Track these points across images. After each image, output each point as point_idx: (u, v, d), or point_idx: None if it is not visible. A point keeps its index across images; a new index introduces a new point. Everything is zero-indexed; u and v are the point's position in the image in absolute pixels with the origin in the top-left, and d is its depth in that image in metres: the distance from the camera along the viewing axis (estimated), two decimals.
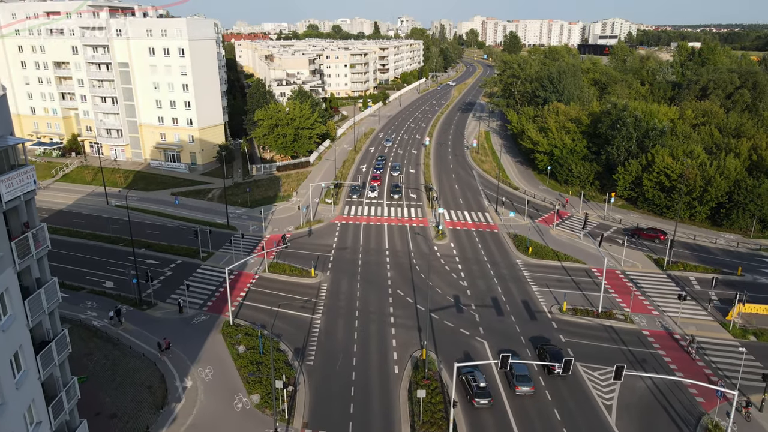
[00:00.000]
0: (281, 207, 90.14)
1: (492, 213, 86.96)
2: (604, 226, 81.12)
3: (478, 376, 44.41)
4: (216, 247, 73.89)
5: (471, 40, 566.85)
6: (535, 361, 47.63)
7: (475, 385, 43.57)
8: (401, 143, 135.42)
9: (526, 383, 44.61)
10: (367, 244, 75.55)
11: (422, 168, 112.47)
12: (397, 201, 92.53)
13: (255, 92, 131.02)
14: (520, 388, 44.49)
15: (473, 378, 44.31)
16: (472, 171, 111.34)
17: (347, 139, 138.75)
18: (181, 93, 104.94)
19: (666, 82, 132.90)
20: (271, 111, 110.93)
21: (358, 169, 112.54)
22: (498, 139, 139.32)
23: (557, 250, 72.36)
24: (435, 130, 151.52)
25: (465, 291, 62.24)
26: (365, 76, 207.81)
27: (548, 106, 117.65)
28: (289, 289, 62.96)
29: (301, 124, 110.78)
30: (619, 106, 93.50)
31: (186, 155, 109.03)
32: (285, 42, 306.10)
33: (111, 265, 69.00)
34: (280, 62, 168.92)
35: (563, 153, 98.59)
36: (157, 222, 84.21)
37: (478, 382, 43.72)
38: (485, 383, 43.75)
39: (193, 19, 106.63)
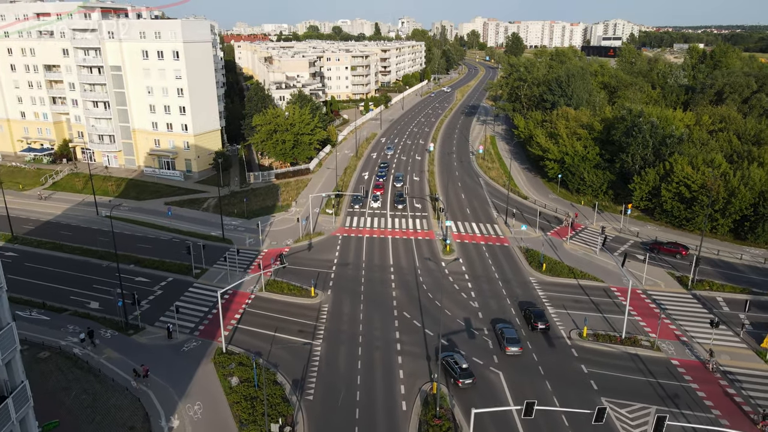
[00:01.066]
0: (280, 218, 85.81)
1: (501, 225, 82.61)
2: (621, 239, 76.76)
3: (459, 359, 47.71)
4: (210, 262, 69.57)
5: (472, 41, 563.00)
6: (558, 408, 43.42)
7: (458, 367, 46.73)
8: (404, 149, 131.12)
9: (515, 344, 50.64)
10: (370, 259, 71.21)
11: (427, 175, 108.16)
12: (401, 211, 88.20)
13: (253, 96, 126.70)
14: (510, 348, 50.37)
15: (454, 361, 47.44)
16: (478, 179, 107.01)
17: (348, 144, 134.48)
18: (175, 97, 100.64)
19: (678, 85, 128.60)
20: (270, 116, 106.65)
21: (360, 176, 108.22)
22: (504, 145, 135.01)
23: (573, 266, 67.99)
24: (439, 134, 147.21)
25: (476, 313, 57.87)
26: (366, 79, 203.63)
27: (557, 110, 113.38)
28: (288, 310, 58.61)
29: (300, 130, 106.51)
30: (634, 112, 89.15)
31: (181, 162, 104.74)
32: (285, 43, 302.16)
33: (97, 282, 64.72)
34: (280, 65, 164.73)
35: (575, 160, 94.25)
36: (149, 234, 79.89)
37: (459, 364, 46.94)
38: (466, 364, 47.18)
39: (188, 20, 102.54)
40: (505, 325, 53.78)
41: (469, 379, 46.01)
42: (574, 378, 47.29)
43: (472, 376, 46.18)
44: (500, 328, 52.77)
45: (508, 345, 50.37)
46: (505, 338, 50.97)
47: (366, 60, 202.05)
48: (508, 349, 50.15)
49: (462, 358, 47.91)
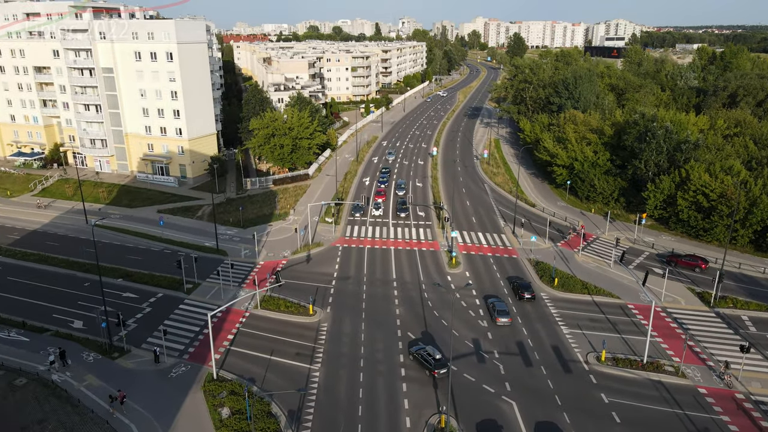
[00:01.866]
0: (277, 227, 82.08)
1: (509, 234, 78.89)
2: (635, 251, 73.02)
3: (431, 350, 48.74)
4: (203, 276, 65.86)
5: (473, 41, 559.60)
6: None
7: (432, 359, 47.82)
8: (406, 153, 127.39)
9: (505, 316, 55.40)
10: (372, 272, 67.50)
11: (430, 181, 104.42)
12: (404, 220, 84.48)
13: (251, 98, 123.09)
14: (501, 319, 55.28)
15: (427, 353, 48.56)
16: (483, 185, 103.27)
17: (349, 148, 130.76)
18: (169, 101, 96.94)
19: (688, 87, 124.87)
20: (267, 120, 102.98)
21: (361, 182, 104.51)
22: (509, 148, 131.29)
23: (586, 281, 64.22)
24: (441, 138, 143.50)
25: (485, 333, 54.14)
26: (367, 80, 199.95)
27: (564, 114, 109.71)
28: (284, 330, 54.89)
29: (299, 134, 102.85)
30: (647, 117, 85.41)
31: (175, 167, 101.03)
32: (284, 44, 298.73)
33: (83, 299, 61.00)
34: (278, 66, 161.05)
35: (584, 166, 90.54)
36: (140, 245, 76.17)
37: (433, 356, 48.01)
38: (440, 354, 48.19)
39: (182, 20, 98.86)
40: (496, 299, 59.11)
41: (444, 368, 47.02)
42: (594, 409, 43.54)
43: (446, 366, 47.15)
44: (492, 302, 57.97)
45: (498, 317, 55.45)
46: (496, 310, 56.12)
47: (366, 61, 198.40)
48: (498, 319, 55.34)
49: (435, 350, 48.95)
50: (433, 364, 47.47)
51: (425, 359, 48.22)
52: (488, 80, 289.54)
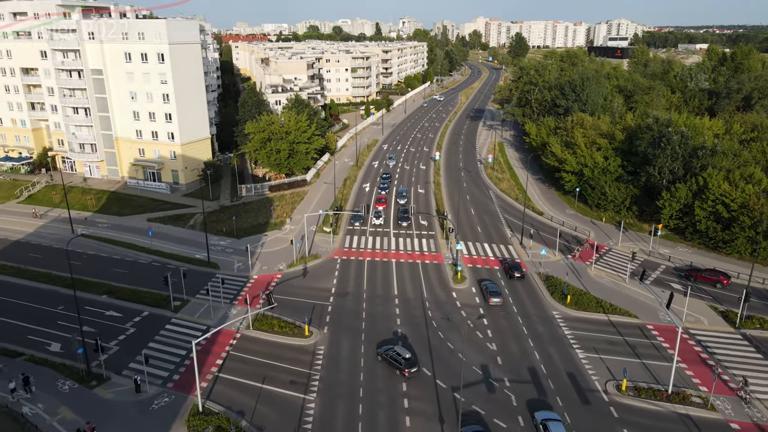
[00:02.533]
0: (272, 237, 78.06)
1: (516, 245, 74.87)
2: (651, 263, 68.99)
3: (400, 350, 48.22)
4: (192, 291, 61.85)
5: (474, 41, 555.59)
6: None
7: (401, 358, 47.30)
8: (408, 157, 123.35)
9: (497, 296, 59.23)
10: (372, 287, 63.49)
11: (432, 187, 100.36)
12: (406, 230, 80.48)
13: (247, 100, 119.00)
14: (493, 299, 58.95)
15: (396, 353, 47.99)
16: (488, 191, 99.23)
17: (348, 151, 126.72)
18: (161, 104, 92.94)
19: (699, 89, 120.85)
20: (263, 123, 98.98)
21: (361, 188, 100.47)
22: (514, 152, 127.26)
23: (601, 297, 60.20)
24: (444, 141, 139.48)
25: (495, 358, 50.11)
26: (367, 81, 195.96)
27: (571, 117, 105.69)
28: (278, 354, 50.88)
29: (296, 138, 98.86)
30: (661, 121, 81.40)
31: (167, 173, 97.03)
32: (283, 44, 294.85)
33: (63, 318, 56.99)
34: (276, 66, 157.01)
35: (594, 173, 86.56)
36: (127, 256, 72.17)
37: (402, 355, 47.54)
38: (409, 353, 47.76)
39: (174, 20, 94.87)
40: (490, 282, 62.97)
41: (414, 367, 46.85)
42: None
43: (416, 364, 47.20)
44: (485, 285, 62.16)
45: (490, 296, 59.45)
46: (489, 291, 60.34)
47: (367, 61, 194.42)
48: (490, 300, 59.11)
49: (404, 349, 48.59)
50: (403, 364, 46.98)
51: (395, 359, 47.63)
52: (490, 81, 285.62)
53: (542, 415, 41.05)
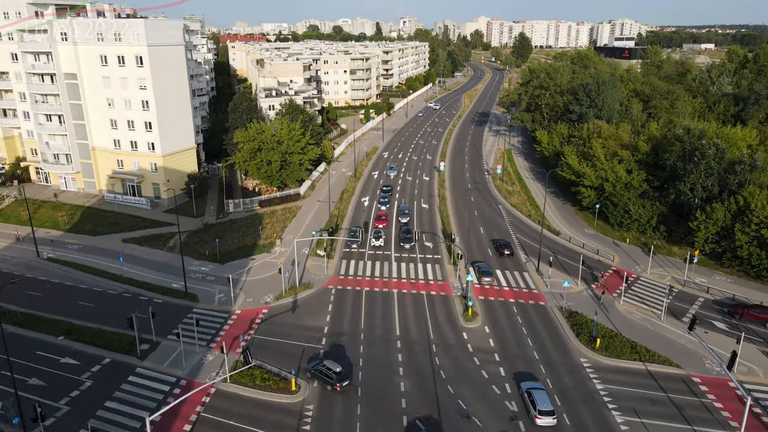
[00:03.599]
0: (260, 262, 69.99)
1: (533, 273, 66.81)
2: (686, 296, 60.92)
3: (330, 364, 46.32)
4: (165, 330, 53.84)
5: (475, 41, 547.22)
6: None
7: (332, 373, 45.49)
8: (410, 167, 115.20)
9: (488, 276, 63.20)
10: (370, 326, 55.44)
11: (437, 201, 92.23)
12: (409, 253, 72.43)
13: (238, 105, 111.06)
14: (484, 279, 63.03)
15: (326, 367, 46.07)
16: (498, 206, 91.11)
17: (346, 161, 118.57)
18: (140, 111, 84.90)
19: (722, 94, 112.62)
20: (253, 131, 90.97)
21: (359, 202, 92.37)
22: (523, 161, 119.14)
23: (634, 339, 52.12)
24: (448, 148, 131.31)
25: (517, 425, 41.97)
26: (367, 83, 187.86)
27: (587, 124, 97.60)
28: (258, 417, 42.84)
29: (289, 148, 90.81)
30: (693, 132, 73.35)
31: (148, 187, 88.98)
32: (281, 44, 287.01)
33: (4, 368, 48.82)
34: (271, 68, 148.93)
35: (617, 188, 78.54)
36: (96, 286, 64.13)
37: (333, 369, 45.75)
38: (340, 367, 46.01)
39: (154, 20, 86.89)
40: (482, 263, 67.59)
41: (346, 380, 45.45)
42: None
43: (348, 378, 45.81)
44: (477, 266, 66.40)
45: (482, 276, 64.15)
46: (481, 271, 64.96)
47: (366, 63, 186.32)
48: (482, 279, 63.57)
49: (334, 363, 46.60)
50: (334, 378, 45.22)
51: (325, 374, 45.66)
52: (494, 82, 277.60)
53: (527, 384, 44.60)
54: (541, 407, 41.25)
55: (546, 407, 41.28)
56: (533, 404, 41.76)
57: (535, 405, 41.58)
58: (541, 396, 42.04)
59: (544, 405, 41.44)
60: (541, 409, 41.15)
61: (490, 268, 65.21)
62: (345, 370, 46.22)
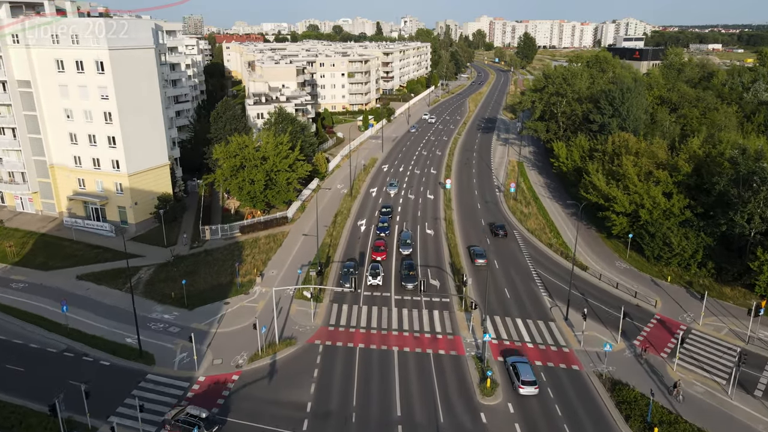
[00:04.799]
0: (236, 307, 58.90)
1: (560, 322, 55.72)
2: (754, 358, 49.69)
3: (193, 410, 40.53)
4: (107, 408, 42.79)
5: (478, 41, 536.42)
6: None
7: (197, 419, 39.71)
8: (412, 182, 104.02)
9: (482, 258, 67.23)
10: (365, 401, 44.34)
11: (443, 226, 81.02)
12: (412, 294, 61.32)
13: (222, 114, 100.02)
14: (478, 261, 67.35)
15: (190, 415, 40.01)
16: (512, 231, 79.87)
17: (341, 175, 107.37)
18: (102, 124, 73.86)
19: (758, 102, 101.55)
20: (235, 146, 79.96)
21: (355, 227, 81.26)
22: (537, 176, 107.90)
23: (701, 426, 40.97)
24: (453, 160, 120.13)
25: None
26: (366, 87, 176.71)
27: (612, 137, 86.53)
28: None
29: (276, 166, 79.79)
30: (750, 153, 62.24)
31: (113, 211, 77.91)
32: (277, 44, 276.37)
33: None
34: (262, 72, 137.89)
35: (654, 215, 67.50)
36: (33, 341, 53.01)
37: (198, 416, 39.93)
38: (206, 412, 40.49)
39: (118, 19, 75.73)
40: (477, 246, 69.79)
41: (215, 426, 40.29)
42: None
43: (217, 424, 40.53)
44: (472, 249, 70.26)
45: (476, 258, 68.01)
46: (475, 254, 68.59)
47: (365, 65, 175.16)
48: (476, 261, 67.62)
49: (199, 409, 40.83)
50: (203, 426, 39.55)
51: (189, 423, 39.58)
52: (499, 84, 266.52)
53: (512, 359, 47.02)
54: (524, 377, 44.35)
55: (528, 378, 44.41)
56: (517, 375, 44.87)
57: (518, 375, 44.63)
58: (524, 368, 45.45)
59: (527, 376, 44.58)
60: (524, 379, 44.23)
61: (485, 251, 69.25)
62: (213, 415, 41.15)
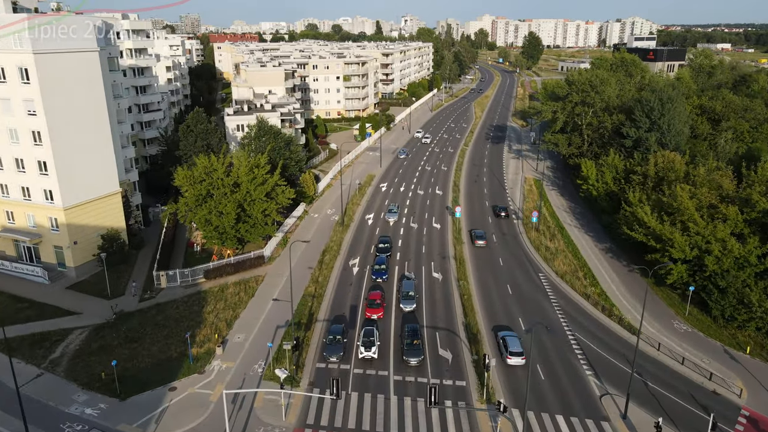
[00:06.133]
0: (185, 395, 44.43)
1: (615, 420, 41.38)
2: None
3: None
4: None
5: (480, 40, 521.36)
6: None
7: None
8: (414, 206, 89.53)
9: (481, 239, 70.51)
10: None
11: (453, 267, 66.56)
12: (416, 374, 46.96)
13: (193, 127, 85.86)
14: (478, 242, 71.50)
15: None
16: (538, 275, 65.46)
17: (332, 196, 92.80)
18: (30, 145, 59.56)
19: None
20: (200, 170, 65.76)
21: (346, 268, 66.89)
22: (558, 198, 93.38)
23: None
24: (462, 177, 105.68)
25: None
26: (363, 91, 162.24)
27: (654, 157, 72.38)
28: None
29: (250, 195, 65.55)
30: None
31: (48, 250, 63.54)
32: (270, 44, 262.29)
33: None
34: (246, 76, 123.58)
35: (723, 264, 53.18)
36: None
37: None
38: None
39: (48, 16, 61.23)
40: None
41: None
42: None
43: None
44: (471, 231, 75.18)
45: (476, 239, 72.61)
46: (476, 236, 73.37)
47: (363, 68, 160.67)
48: (476, 242, 72.33)
49: None
50: None
51: None
52: (505, 87, 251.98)
53: (502, 333, 50.08)
54: (512, 349, 47.21)
55: (516, 349, 47.19)
56: (505, 347, 47.58)
57: (507, 347, 47.42)
58: (513, 341, 48.18)
59: (515, 347, 47.39)
60: (512, 350, 47.11)
61: (485, 233, 74.02)
62: None
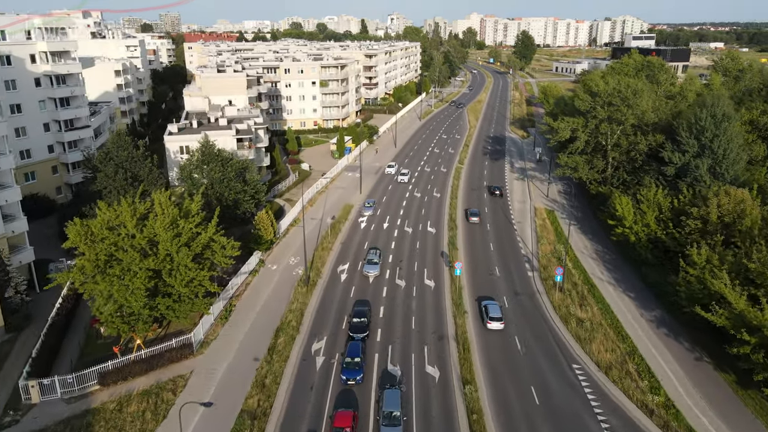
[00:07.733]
0: None
1: None
2: None
3: None
4: None
5: (469, 39, 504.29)
6: None
7: None
8: (401, 250, 70.91)
9: (496, 318, 53.41)
10: None
11: (454, 356, 48.08)
12: None
13: (114, 155, 66.67)
14: (472, 219, 76.73)
15: None
16: (572, 367, 47.25)
17: (297, 239, 72.99)
18: None
19: None
20: (101, 223, 46.94)
21: (307, 355, 48.17)
22: (580, 237, 75.09)
23: None
24: (457, 207, 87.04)
25: None
26: (343, 98, 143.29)
27: (718, 198, 54.80)
28: None
29: (171, 258, 46.71)
30: None
31: None
32: (244, 44, 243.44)
33: None
34: (201, 84, 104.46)
35: None
36: None
37: None
38: None
39: None
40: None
41: None
42: None
43: None
44: (469, 212, 79.95)
45: (471, 216, 78.36)
46: (470, 213, 79.35)
47: (342, 71, 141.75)
48: (470, 219, 78.15)
49: None
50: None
51: None
52: (498, 89, 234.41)
53: (485, 302, 54.36)
54: (492, 314, 51.77)
55: (496, 314, 51.85)
56: (486, 313, 52.13)
57: (487, 313, 51.91)
58: (493, 307, 53.00)
59: (495, 313, 52.00)
60: (492, 315, 51.65)
61: (478, 212, 79.71)
62: None
